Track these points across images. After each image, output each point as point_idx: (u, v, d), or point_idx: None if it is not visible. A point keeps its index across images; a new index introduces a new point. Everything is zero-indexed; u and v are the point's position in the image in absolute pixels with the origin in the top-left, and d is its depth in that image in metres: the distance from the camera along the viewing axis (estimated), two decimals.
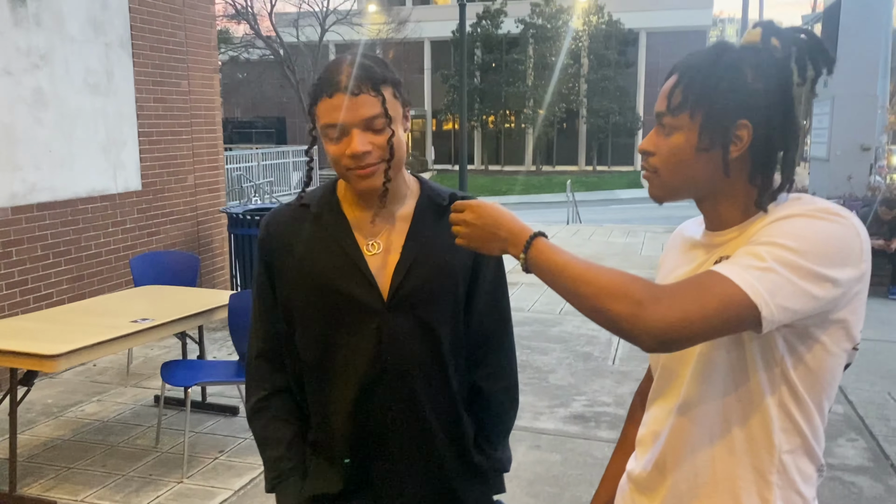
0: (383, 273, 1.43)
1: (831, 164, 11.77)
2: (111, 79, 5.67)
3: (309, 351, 1.47)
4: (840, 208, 1.09)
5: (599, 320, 1.08)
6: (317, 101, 1.35)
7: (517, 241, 1.19)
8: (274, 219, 1.50)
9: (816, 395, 1.14)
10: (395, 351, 1.43)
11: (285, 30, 30.00)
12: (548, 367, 5.33)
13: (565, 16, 36.50)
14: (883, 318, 6.73)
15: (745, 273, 1.02)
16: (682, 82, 1.16)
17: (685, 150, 1.15)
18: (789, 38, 1.13)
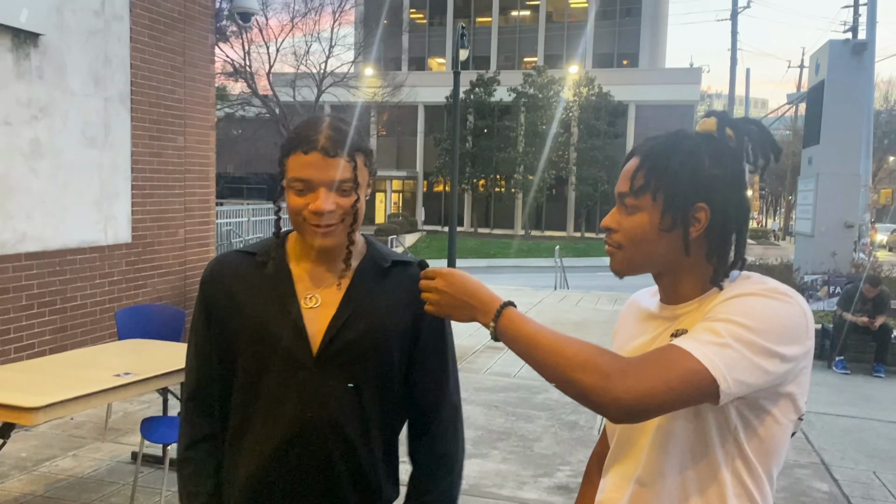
0: (317, 328, 1.42)
1: (816, 240, 11.93)
2: (108, 132, 5.73)
3: (236, 399, 1.46)
4: (787, 288, 1.16)
5: (568, 391, 1.11)
6: (289, 154, 1.38)
7: (487, 310, 1.22)
8: (219, 262, 1.51)
9: (767, 463, 1.20)
10: (318, 408, 1.41)
11: (282, 89, 30.48)
12: (533, 435, 5.27)
13: (556, 86, 37.38)
14: (868, 396, 6.73)
15: (705, 348, 1.08)
16: (644, 166, 1.23)
17: (648, 229, 1.22)
18: (742, 128, 1.23)
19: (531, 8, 45.31)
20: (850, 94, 12.03)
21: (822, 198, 11.96)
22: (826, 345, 8.08)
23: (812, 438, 5.38)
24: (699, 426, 1.18)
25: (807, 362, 1.17)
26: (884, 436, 5.55)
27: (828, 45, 12.30)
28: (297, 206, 1.38)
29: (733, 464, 1.18)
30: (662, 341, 1.22)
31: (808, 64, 13.80)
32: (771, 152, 1.23)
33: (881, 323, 7.57)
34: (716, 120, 1.23)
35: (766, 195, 64.71)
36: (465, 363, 7.30)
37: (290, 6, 29.08)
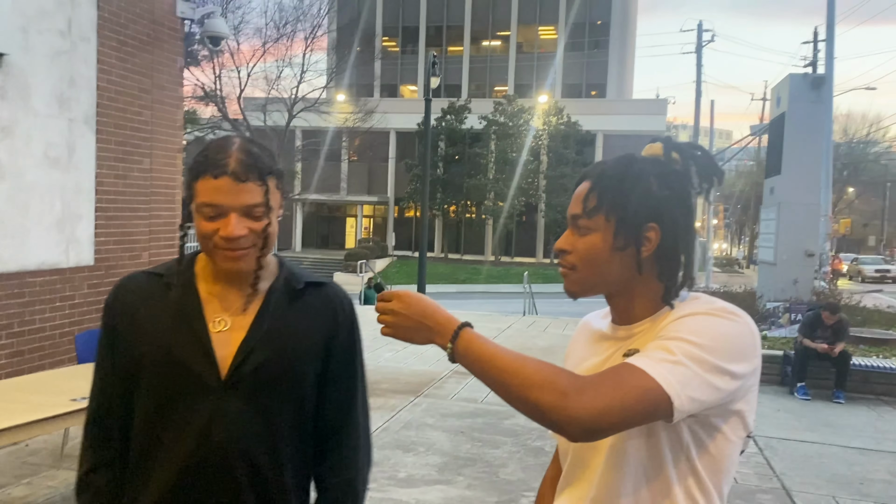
0: (226, 351, 1.39)
1: (778, 268, 12.15)
2: (72, 153, 5.67)
3: (140, 423, 1.42)
4: (735, 308, 1.20)
5: (526, 410, 1.12)
6: (198, 178, 1.34)
7: (445, 332, 1.22)
8: (125, 284, 1.47)
9: (718, 480, 1.22)
10: (225, 433, 1.37)
11: (253, 113, 30.45)
12: (498, 461, 5.26)
13: (526, 115, 37.86)
14: (828, 422, 6.83)
15: (659, 366, 1.11)
16: (596, 188, 1.27)
17: (601, 249, 1.25)
18: (687, 152, 1.27)
19: (502, 38, 45.96)
20: (809, 126, 12.35)
21: (783, 227, 12.21)
22: (788, 371, 8.19)
23: (774, 464, 5.44)
24: (652, 444, 1.20)
25: (755, 380, 1.20)
26: (843, 461, 5.63)
27: (788, 79, 12.64)
28: (207, 231, 1.34)
29: (685, 481, 1.20)
30: (615, 361, 1.24)
31: (770, 97, 14.16)
32: (714, 176, 1.28)
33: (841, 350, 7.70)
34: (661, 144, 1.28)
35: (730, 224, 65.82)
36: (432, 389, 7.27)
37: (262, 31, 29.15)
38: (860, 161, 53.70)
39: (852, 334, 8.87)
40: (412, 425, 5.99)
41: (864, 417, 7.07)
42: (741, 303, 12.59)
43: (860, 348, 8.95)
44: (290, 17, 30.16)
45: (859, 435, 6.40)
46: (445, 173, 39.41)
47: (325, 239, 44.88)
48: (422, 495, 4.54)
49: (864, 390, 7.95)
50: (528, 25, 45.20)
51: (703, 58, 31.27)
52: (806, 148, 12.31)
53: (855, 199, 56.83)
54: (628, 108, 40.97)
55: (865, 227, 63.77)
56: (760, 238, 14.13)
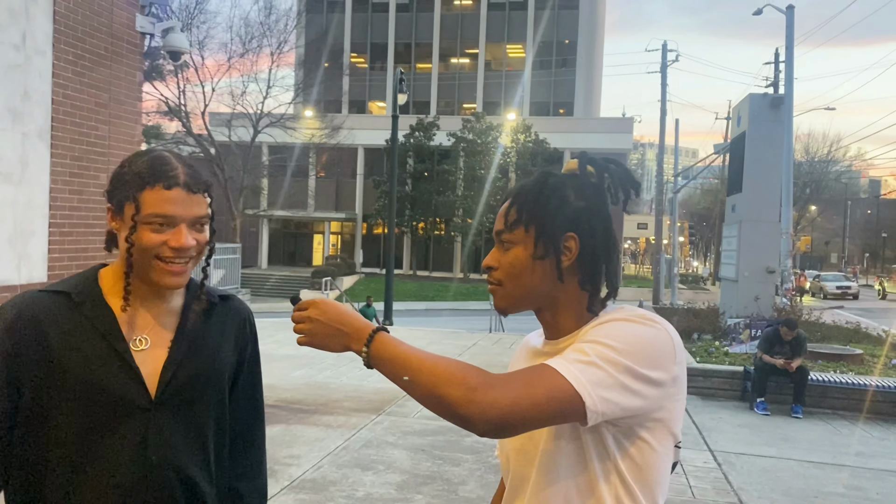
0: (151, 369, 1.36)
1: (740, 284, 12.32)
2: (25, 168, 5.56)
3: (57, 457, 1.32)
4: (655, 315, 1.22)
5: (435, 406, 1.13)
6: (144, 188, 1.31)
7: (360, 336, 1.23)
8: (27, 304, 1.34)
9: (648, 491, 1.22)
10: (161, 452, 1.36)
11: (217, 129, 30.22)
12: (458, 478, 5.22)
13: (495, 132, 38.11)
14: (786, 437, 6.91)
15: (570, 366, 1.12)
16: (515, 202, 1.30)
17: (523, 260, 1.27)
18: (601, 166, 1.32)
19: (470, 56, 46.30)
20: (768, 145, 12.59)
21: (744, 244, 12.40)
22: (747, 386, 8.29)
23: (731, 479, 5.48)
24: (580, 454, 1.21)
25: (677, 389, 1.20)
26: (799, 475, 5.69)
27: (748, 99, 12.89)
28: (153, 242, 1.31)
29: (615, 491, 1.21)
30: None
31: (731, 116, 14.41)
32: (630, 187, 1.32)
33: (798, 364, 7.81)
34: (577, 160, 1.32)
35: (696, 241, 66.75)
36: (394, 407, 7.22)
37: (228, 46, 29.00)
38: (822, 179, 54.91)
39: (811, 350, 9.02)
40: (373, 444, 5.93)
41: (822, 431, 7.18)
42: (705, 319, 12.75)
43: (818, 363, 9.10)
44: (255, 33, 30.07)
45: (816, 449, 6.49)
46: (414, 190, 39.44)
47: (291, 256, 44.55)
48: None
49: (823, 405, 8.08)
50: (497, 43, 45.62)
51: (667, 77, 31.77)
52: (765, 166, 12.54)
53: (817, 216, 58.04)
54: (595, 127, 41.48)
55: (827, 244, 65.10)
56: (723, 255, 14.34)
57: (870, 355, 9.90)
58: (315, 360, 9.31)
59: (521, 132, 38.44)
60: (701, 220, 59.26)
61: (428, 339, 12.46)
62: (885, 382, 8.02)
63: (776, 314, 11.56)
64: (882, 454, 6.43)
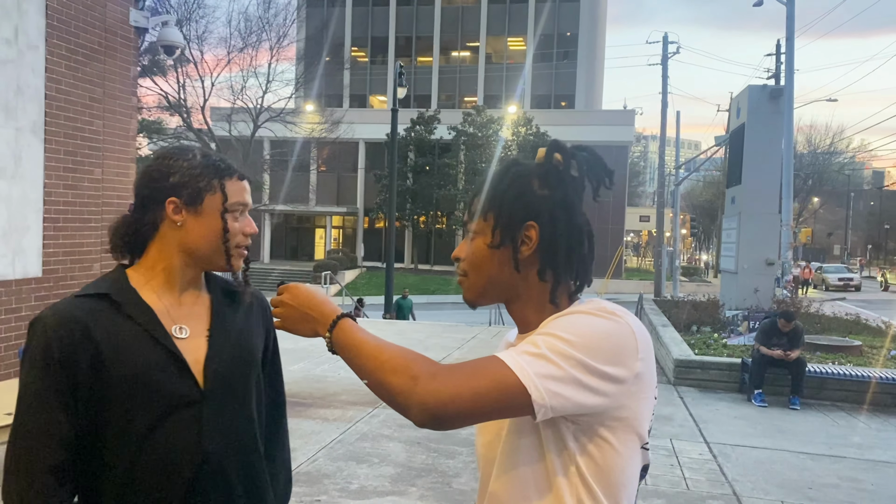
0: (193, 359, 1.40)
1: (739, 276, 12.31)
2: (19, 163, 5.56)
3: (114, 456, 1.35)
4: (618, 308, 1.17)
5: (380, 394, 1.13)
6: (226, 178, 1.44)
7: (325, 321, 1.24)
8: (69, 310, 1.35)
9: (612, 493, 1.16)
10: (217, 441, 1.39)
11: (218, 123, 30.21)
12: (452, 471, 5.23)
13: (495, 126, 38.04)
14: (782, 428, 6.91)
15: (518, 357, 1.09)
16: (479, 192, 1.29)
17: (483, 249, 1.25)
18: (569, 153, 1.27)
19: (471, 49, 46.21)
20: (768, 137, 12.56)
21: (744, 236, 12.38)
22: (745, 378, 8.29)
23: (726, 470, 5.48)
24: (539, 453, 1.17)
25: (639, 387, 1.15)
26: (794, 466, 5.69)
27: (747, 90, 12.86)
28: (235, 229, 1.44)
29: (576, 491, 1.16)
30: None
31: (731, 108, 14.36)
32: (604, 175, 1.27)
33: (796, 356, 7.81)
34: (545, 148, 1.28)
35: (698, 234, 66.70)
36: None
37: (227, 41, 28.97)
38: (824, 171, 54.76)
39: (809, 341, 9.01)
40: (368, 437, 5.94)
41: (818, 423, 7.17)
42: (705, 311, 12.74)
43: (816, 355, 9.09)
44: (255, 27, 30.03)
45: (812, 441, 6.49)
46: (415, 184, 39.41)
47: (293, 250, 44.59)
48: None
49: (820, 396, 8.07)
50: (498, 36, 45.51)
51: (668, 69, 31.64)
52: (765, 158, 12.51)
53: (819, 208, 57.92)
54: (597, 119, 41.37)
55: (830, 236, 64.98)
56: (723, 247, 14.31)
57: (869, 347, 9.89)
58: (313, 353, 9.32)
59: (523, 125, 38.37)
60: (703, 212, 59.17)
61: (427, 332, 12.47)
62: (884, 374, 8.01)
63: (775, 306, 11.55)
64: (879, 445, 6.42)
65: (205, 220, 1.40)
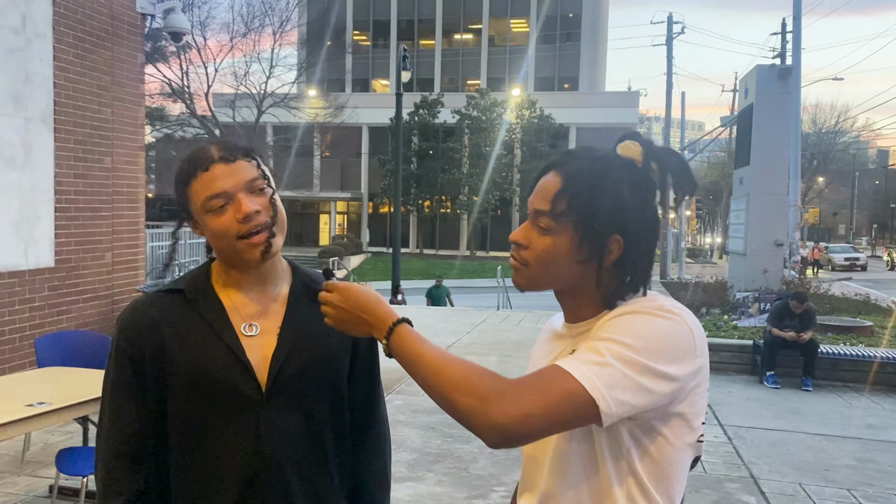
0: (261, 359, 1.36)
1: (748, 258, 12.27)
2: (29, 153, 5.54)
3: (180, 448, 1.36)
4: (676, 305, 1.15)
5: (449, 413, 1.10)
6: (189, 181, 1.33)
7: (381, 326, 1.20)
8: (144, 305, 1.39)
9: (664, 488, 1.17)
10: (275, 444, 1.35)
11: (221, 110, 30.12)
12: (469, 456, 5.24)
13: (499, 109, 37.88)
14: (796, 409, 6.90)
15: (584, 368, 1.06)
16: (568, 191, 1.19)
17: (561, 255, 1.20)
18: (666, 162, 1.20)
19: (474, 31, 45.93)
20: (777, 117, 12.47)
21: (752, 217, 12.33)
22: (757, 360, 8.28)
23: (742, 452, 5.48)
24: (591, 447, 1.17)
25: (697, 382, 1.14)
26: (810, 448, 5.69)
27: (755, 70, 12.75)
28: (225, 225, 1.31)
29: (626, 487, 1.16)
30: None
31: (739, 88, 14.26)
32: (688, 189, 1.22)
33: (809, 337, 7.79)
34: (642, 150, 1.21)
35: (703, 215, 66.52)
36: (403, 385, 7.24)
37: (230, 26, 28.83)
38: (829, 151, 54.51)
39: (820, 322, 8.98)
40: None
41: (832, 404, 7.16)
42: (713, 293, 12.72)
43: (828, 336, 9.07)
44: (257, 12, 29.87)
45: (826, 422, 6.48)
46: (419, 168, 39.33)
47: (298, 236, 44.60)
48: (391, 493, 4.50)
49: (833, 377, 8.06)
50: (500, 18, 45.22)
51: (673, 50, 31.47)
52: (773, 138, 12.42)
53: (825, 188, 57.71)
54: (601, 101, 41.18)
55: (835, 216, 64.83)
56: (731, 229, 14.27)
57: (879, 327, 9.86)
58: None
59: (526, 108, 38.19)
60: (708, 193, 59.00)
61: (436, 316, 12.47)
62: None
63: (785, 287, 11.51)
64: (893, 426, 6.41)
65: (204, 228, 1.35)
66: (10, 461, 4.88)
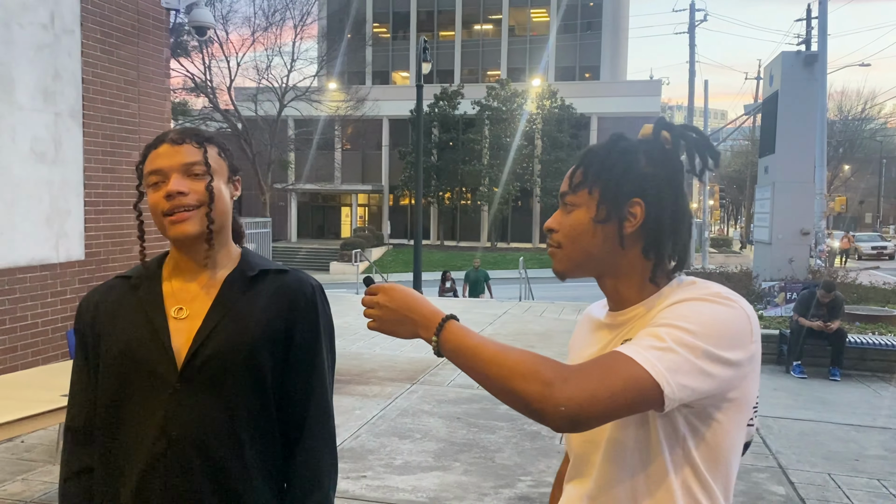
0: (183, 342, 1.38)
1: (773, 247, 12.14)
2: (59, 148, 5.63)
3: (103, 426, 1.41)
4: (731, 293, 1.16)
5: (510, 401, 1.10)
6: (145, 158, 1.41)
7: (429, 325, 1.20)
8: (94, 291, 1.51)
9: (718, 473, 1.19)
10: (182, 425, 1.35)
11: (244, 104, 30.29)
12: (494, 446, 5.26)
13: (520, 99, 37.70)
14: (824, 399, 6.84)
15: (647, 353, 1.07)
16: (582, 164, 1.26)
17: (584, 223, 1.24)
18: (678, 133, 1.26)
19: (494, 22, 45.73)
20: (802, 104, 12.30)
21: (778, 206, 12.19)
22: (784, 350, 8.21)
23: (769, 442, 5.45)
24: (647, 434, 1.18)
25: (752, 367, 1.16)
26: (838, 438, 5.64)
27: (780, 57, 12.58)
28: (155, 201, 1.38)
29: (682, 472, 1.17)
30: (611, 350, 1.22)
31: (763, 75, 14.08)
32: (709, 156, 1.25)
33: (836, 327, 7.71)
34: (652, 126, 1.27)
35: (726, 205, 65.83)
36: (428, 376, 7.27)
37: (251, 20, 28.94)
38: (856, 138, 53.65)
39: (848, 311, 8.88)
40: (408, 412, 5.99)
41: (860, 394, 7.09)
42: (738, 283, 12.59)
43: (856, 325, 8.97)
44: (278, 5, 29.96)
45: (855, 412, 6.42)
46: (440, 160, 39.30)
47: (320, 229, 44.82)
48: (418, 482, 4.54)
49: (861, 367, 7.98)
50: (520, 8, 44.97)
51: (696, 38, 31.18)
52: (799, 126, 12.26)
53: (851, 176, 56.84)
54: (622, 90, 40.84)
55: (862, 204, 63.86)
56: (756, 218, 14.11)
57: None
58: (347, 331, 9.39)
59: (547, 98, 37.99)
60: (731, 182, 58.34)
61: (459, 307, 12.49)
62: None
63: (811, 276, 11.39)
64: None
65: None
66: (44, 450, 4.98)
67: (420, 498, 4.31)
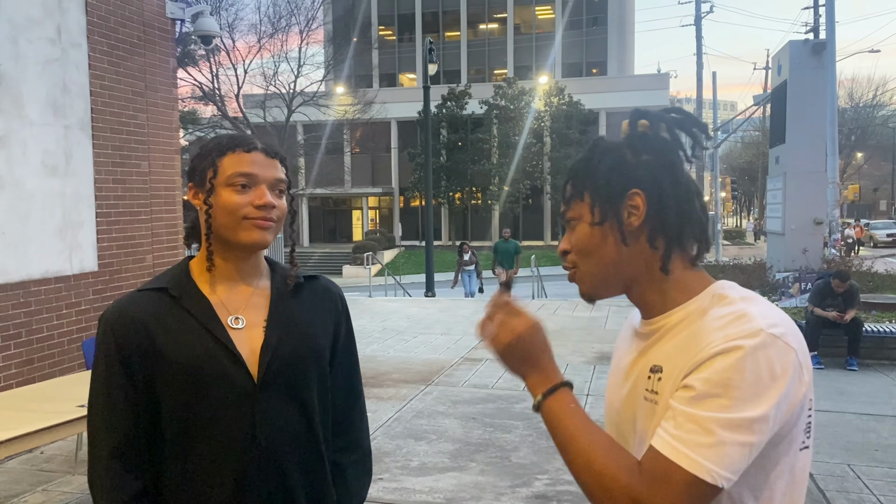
0: (249, 351, 1.40)
1: (787, 238, 12.06)
2: (70, 160, 5.67)
3: (175, 444, 1.37)
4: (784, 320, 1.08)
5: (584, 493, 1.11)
6: (226, 153, 1.40)
7: (544, 381, 1.18)
8: (129, 304, 1.40)
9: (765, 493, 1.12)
10: (271, 432, 1.39)
11: (252, 111, 30.43)
12: (510, 445, 5.26)
13: (527, 97, 37.64)
14: (842, 390, 6.79)
15: (695, 455, 1.02)
16: (569, 177, 1.24)
17: (586, 231, 1.20)
18: (655, 116, 1.21)
19: (499, 20, 45.69)
20: (811, 93, 12.21)
21: (790, 196, 12.10)
22: None
23: None
24: None
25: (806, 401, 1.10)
26: (857, 428, 5.60)
27: (788, 46, 12.49)
28: (239, 202, 1.37)
29: None
30: (641, 365, 1.18)
31: (771, 65, 13.99)
32: (697, 131, 1.21)
33: (852, 316, 7.65)
34: (627, 121, 1.24)
35: (738, 196, 65.43)
36: (442, 377, 7.28)
37: (257, 27, 29.06)
38: (867, 125, 53.19)
39: (863, 300, 8.81)
40: (424, 414, 5.99)
41: (878, 383, 7.03)
42: (752, 274, 12.52)
43: (872, 314, 8.90)
44: (283, 12, 30.07)
45: (873, 401, 6.36)
46: (449, 160, 39.28)
47: (332, 233, 44.94)
48: (435, 483, 4.54)
49: (878, 356, 7.91)
50: (525, 6, 44.90)
51: (702, 29, 30.99)
52: (809, 115, 12.17)
53: (864, 163, 56.39)
54: (630, 85, 40.68)
55: (875, 191, 63.31)
56: (768, 208, 14.02)
57: None
58: (361, 334, 9.41)
59: (555, 95, 37.91)
60: (743, 174, 57.99)
61: (472, 308, 12.49)
62: None
63: (825, 266, 11.31)
64: None
65: (216, 199, 1.38)
66: (63, 461, 5.02)
67: (437, 499, 4.31)
